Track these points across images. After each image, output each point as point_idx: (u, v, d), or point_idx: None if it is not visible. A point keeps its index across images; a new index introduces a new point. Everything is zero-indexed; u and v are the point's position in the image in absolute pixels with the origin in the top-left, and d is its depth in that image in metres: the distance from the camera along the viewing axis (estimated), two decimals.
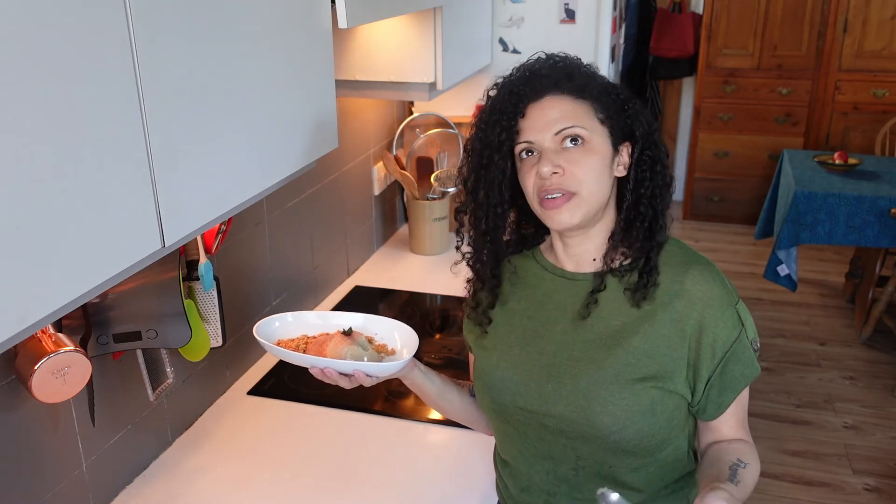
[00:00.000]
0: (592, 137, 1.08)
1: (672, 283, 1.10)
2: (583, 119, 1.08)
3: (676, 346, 1.08)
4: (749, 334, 1.11)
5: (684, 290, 1.09)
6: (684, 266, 1.12)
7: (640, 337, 1.09)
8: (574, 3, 2.37)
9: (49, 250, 0.72)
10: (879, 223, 3.20)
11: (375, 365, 1.13)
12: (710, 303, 1.08)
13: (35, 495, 1.18)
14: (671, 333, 1.08)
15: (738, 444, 1.12)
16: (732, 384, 1.10)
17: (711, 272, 1.11)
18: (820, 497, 2.69)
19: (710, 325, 1.08)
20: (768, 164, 4.86)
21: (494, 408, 1.18)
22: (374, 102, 2.35)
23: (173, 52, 0.87)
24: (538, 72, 1.12)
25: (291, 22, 1.13)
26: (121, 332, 1.26)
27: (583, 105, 1.09)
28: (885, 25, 4.46)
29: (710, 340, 1.07)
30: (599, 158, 1.09)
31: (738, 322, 1.09)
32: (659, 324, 1.09)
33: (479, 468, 1.43)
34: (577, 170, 1.07)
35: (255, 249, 1.78)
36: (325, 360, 1.12)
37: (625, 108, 1.12)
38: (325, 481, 1.41)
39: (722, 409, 1.11)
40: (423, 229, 2.41)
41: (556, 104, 1.09)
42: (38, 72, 0.69)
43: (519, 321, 1.18)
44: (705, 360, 1.08)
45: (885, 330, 3.64)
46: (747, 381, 1.11)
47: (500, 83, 1.16)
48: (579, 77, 1.11)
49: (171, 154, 0.88)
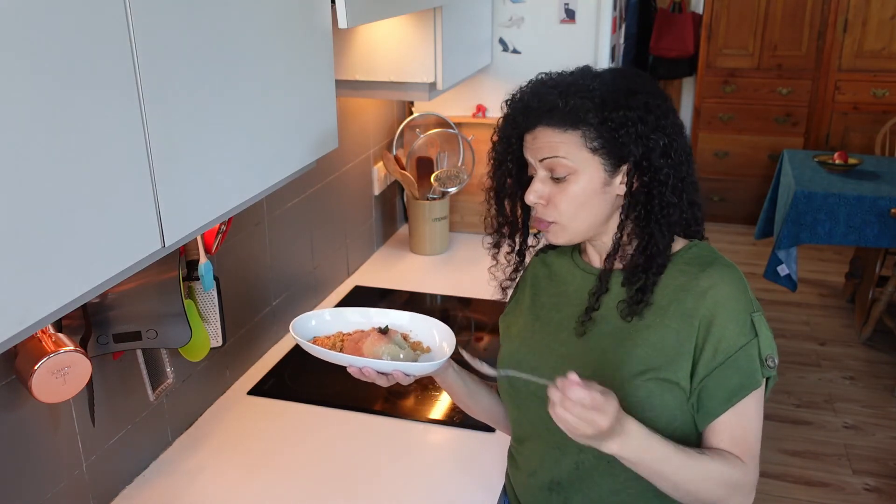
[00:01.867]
0: (578, 169, 1.08)
1: (688, 279, 1.10)
2: (569, 150, 1.08)
3: (685, 341, 1.07)
4: (763, 349, 1.07)
5: (699, 287, 1.09)
6: (705, 265, 1.11)
7: (650, 330, 1.09)
8: (574, 3, 2.37)
9: (49, 250, 0.72)
10: (879, 223, 3.20)
11: (415, 365, 1.13)
12: (725, 302, 1.07)
13: (35, 495, 1.18)
14: (680, 328, 1.08)
15: (724, 451, 1.06)
16: (726, 393, 1.05)
17: (732, 274, 1.10)
18: (820, 497, 2.69)
19: (720, 323, 1.06)
20: (768, 164, 4.86)
21: (511, 393, 1.21)
22: (374, 102, 2.35)
23: (173, 52, 0.87)
24: (530, 102, 1.11)
25: (291, 22, 1.13)
26: (121, 332, 1.26)
27: (572, 136, 1.07)
28: (885, 25, 4.46)
29: (715, 339, 1.06)
30: (583, 190, 1.09)
31: (752, 330, 1.06)
32: (670, 317, 1.09)
33: (479, 468, 1.43)
34: (558, 201, 1.11)
35: (255, 249, 1.78)
36: (365, 360, 1.12)
37: (616, 135, 1.07)
38: (325, 481, 1.41)
39: (710, 417, 1.07)
40: (423, 229, 2.41)
41: (544, 135, 1.10)
42: (38, 72, 0.69)
43: (546, 313, 1.21)
44: (705, 358, 1.06)
45: (885, 330, 3.64)
46: (745, 394, 1.05)
47: (510, 101, 1.17)
48: (561, 111, 1.07)
49: (171, 154, 0.88)
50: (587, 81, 1.11)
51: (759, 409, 1.08)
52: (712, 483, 1.02)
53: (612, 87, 1.09)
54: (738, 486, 1.04)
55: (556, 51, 2.40)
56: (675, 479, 1.01)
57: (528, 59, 2.45)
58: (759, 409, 1.08)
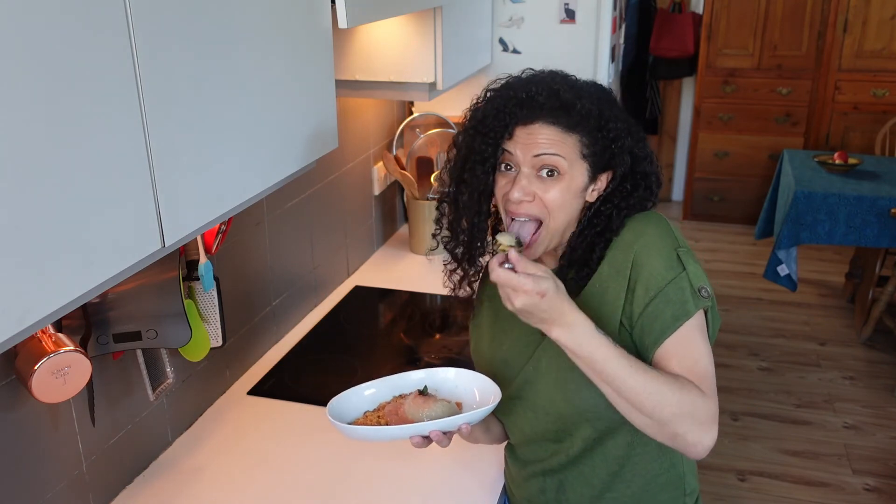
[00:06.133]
0: (570, 170, 1.10)
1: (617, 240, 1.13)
2: (566, 150, 1.09)
3: (620, 291, 1.09)
4: (694, 280, 1.06)
5: (624, 240, 1.11)
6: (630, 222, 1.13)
7: (598, 296, 1.11)
8: (574, 3, 2.37)
9: (49, 250, 0.72)
10: (879, 223, 3.20)
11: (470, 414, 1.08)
12: (645, 243, 1.09)
13: (35, 495, 1.18)
14: (618, 286, 1.09)
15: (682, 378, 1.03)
16: (661, 325, 1.05)
17: (651, 217, 1.13)
18: (820, 497, 2.69)
19: (647, 263, 1.07)
20: (768, 164, 4.86)
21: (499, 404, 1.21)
22: (374, 102, 2.35)
23: (173, 52, 0.87)
24: (535, 97, 1.11)
25: (291, 22, 1.13)
26: (121, 332, 1.26)
27: (570, 138, 1.10)
28: (885, 25, 4.46)
29: (644, 278, 1.07)
30: (571, 191, 1.11)
31: (679, 264, 1.07)
32: (605, 277, 1.11)
33: (479, 468, 1.43)
34: (547, 199, 1.10)
35: (255, 249, 1.78)
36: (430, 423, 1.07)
37: (611, 146, 1.12)
38: (325, 481, 1.41)
39: (650, 350, 1.06)
40: (423, 229, 2.41)
41: (545, 132, 1.09)
42: (38, 73, 0.69)
43: (507, 314, 1.19)
44: (637, 296, 1.07)
45: (885, 330, 3.64)
46: (678, 324, 1.04)
47: (497, 89, 1.16)
48: (575, 113, 1.10)
49: (171, 154, 0.88)
50: (588, 87, 1.14)
51: (705, 340, 1.07)
52: (662, 398, 0.99)
53: (601, 96, 1.14)
54: (695, 410, 1.00)
55: (556, 51, 2.40)
56: (621, 385, 0.99)
57: (528, 59, 2.43)
58: (705, 340, 1.07)
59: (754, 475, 2.80)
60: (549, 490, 1.23)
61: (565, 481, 1.21)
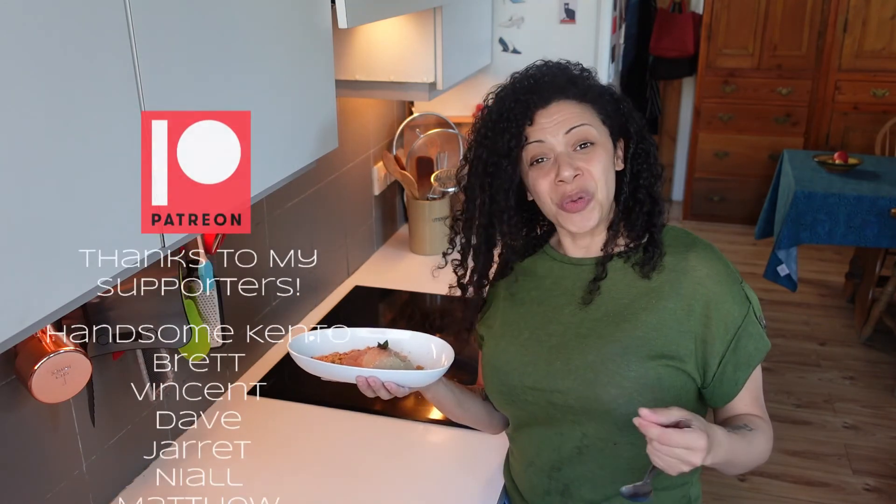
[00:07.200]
0: (600, 137, 1.13)
1: (677, 261, 1.13)
2: (591, 118, 1.13)
3: (683, 320, 1.10)
4: (756, 311, 1.14)
5: (689, 268, 1.12)
6: (687, 246, 1.15)
7: (647, 312, 1.11)
8: (574, 3, 2.37)
9: (49, 250, 0.72)
10: (879, 223, 3.20)
11: (415, 373, 1.15)
12: (717, 280, 1.11)
13: (35, 495, 1.18)
14: (678, 308, 1.11)
15: (753, 416, 1.15)
16: (747, 360, 1.12)
17: (714, 252, 1.15)
18: (820, 497, 2.69)
19: (720, 301, 1.10)
20: (768, 164, 4.86)
21: (503, 390, 1.21)
22: (374, 102, 2.35)
23: (173, 51, 0.87)
24: (542, 79, 1.15)
25: (291, 22, 1.13)
26: (121, 332, 1.26)
27: (588, 108, 1.14)
28: (885, 25, 4.46)
29: (721, 316, 1.10)
30: (607, 157, 1.14)
31: (745, 299, 1.12)
32: (666, 298, 1.11)
33: (479, 468, 1.43)
34: (593, 170, 1.11)
35: (255, 249, 1.78)
36: (370, 370, 1.13)
37: (620, 107, 1.17)
38: (325, 481, 1.41)
39: (739, 386, 1.13)
40: (423, 229, 2.41)
41: (564, 108, 1.12)
42: (38, 73, 0.69)
43: (528, 308, 1.22)
44: (718, 336, 1.10)
45: (885, 330, 3.64)
46: (760, 357, 1.13)
47: (500, 92, 1.18)
48: (581, 82, 1.15)
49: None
50: (585, 71, 1.20)
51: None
52: (760, 457, 1.11)
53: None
54: (770, 441, 1.14)
55: (556, 51, 2.37)
56: (742, 461, 1.08)
57: (528, 59, 2.40)
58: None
59: (754, 475, 2.80)
60: (554, 492, 1.22)
61: (571, 485, 1.19)
